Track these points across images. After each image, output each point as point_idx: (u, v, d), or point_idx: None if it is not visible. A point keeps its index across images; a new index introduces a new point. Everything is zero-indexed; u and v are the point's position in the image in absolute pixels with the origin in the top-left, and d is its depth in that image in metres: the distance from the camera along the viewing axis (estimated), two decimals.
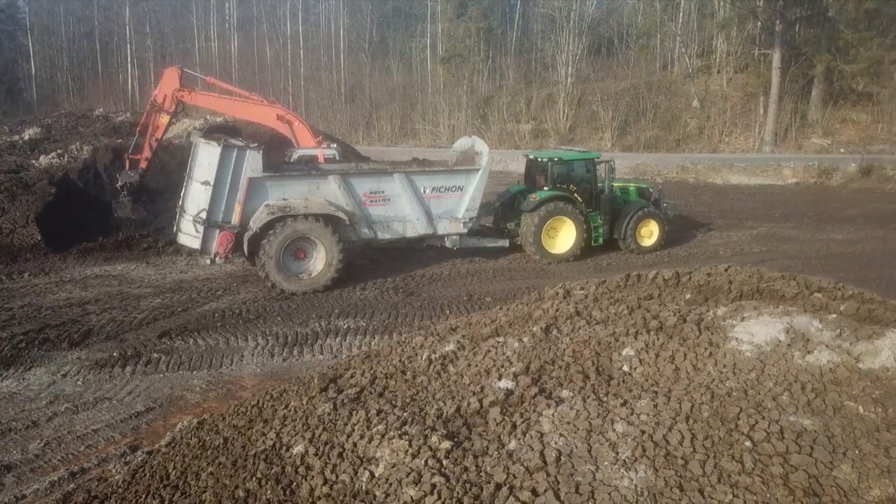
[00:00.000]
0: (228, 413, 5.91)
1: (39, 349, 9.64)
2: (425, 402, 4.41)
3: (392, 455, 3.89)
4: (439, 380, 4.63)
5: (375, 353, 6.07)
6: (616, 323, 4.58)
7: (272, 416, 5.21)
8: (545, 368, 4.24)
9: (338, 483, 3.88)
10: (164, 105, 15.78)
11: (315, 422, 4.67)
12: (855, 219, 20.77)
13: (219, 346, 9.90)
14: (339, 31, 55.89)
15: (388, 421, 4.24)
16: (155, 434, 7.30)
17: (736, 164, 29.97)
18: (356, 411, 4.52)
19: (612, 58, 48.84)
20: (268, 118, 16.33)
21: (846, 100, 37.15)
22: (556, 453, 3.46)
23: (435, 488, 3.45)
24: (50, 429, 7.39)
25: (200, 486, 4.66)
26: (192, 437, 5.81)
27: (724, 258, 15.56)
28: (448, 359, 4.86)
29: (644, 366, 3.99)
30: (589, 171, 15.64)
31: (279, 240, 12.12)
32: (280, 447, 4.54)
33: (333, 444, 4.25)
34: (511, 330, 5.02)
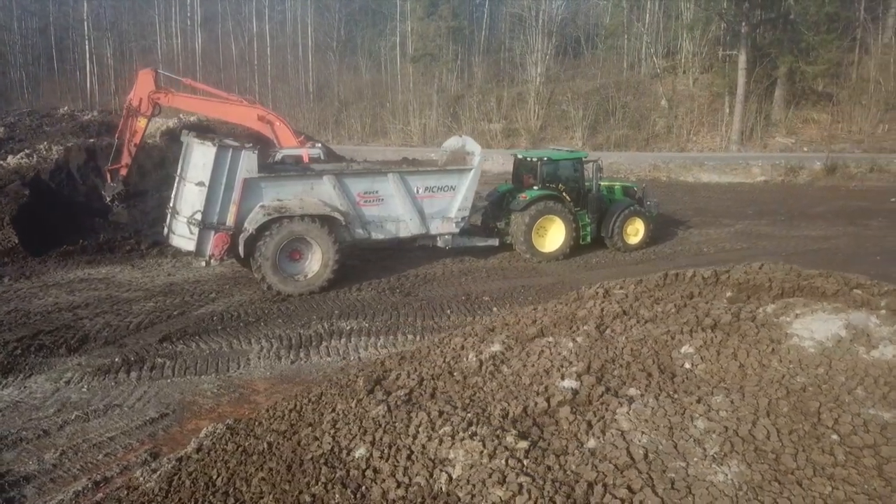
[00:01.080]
0: (264, 417, 5.85)
1: (37, 356, 9.37)
2: (485, 402, 4.44)
3: (467, 456, 3.92)
4: (495, 380, 4.66)
5: (411, 353, 6.07)
6: (665, 321, 4.68)
7: (318, 419, 5.18)
8: (606, 367, 4.32)
9: (412, 486, 3.89)
10: (141, 108, 15.48)
11: (371, 424, 4.66)
12: (825, 215, 21.45)
13: (223, 350, 9.76)
14: (306, 28, 55.30)
15: (452, 422, 4.26)
16: (173, 440, 7.19)
17: (706, 162, 30.65)
18: (415, 413, 4.53)
19: (580, 58, 49.42)
20: (248, 119, 16.13)
21: (807, 100, 38.28)
22: (642, 451, 3.54)
23: (522, 488, 3.49)
24: (63, 437, 7.21)
25: (254, 491, 4.61)
26: (227, 443, 5.74)
27: (708, 255, 15.95)
28: (498, 359, 4.90)
29: (706, 363, 4.10)
30: (577, 170, 15.83)
31: (275, 241, 11.99)
32: (339, 451, 4.52)
33: (399, 447, 4.26)
34: (557, 330, 5.08)
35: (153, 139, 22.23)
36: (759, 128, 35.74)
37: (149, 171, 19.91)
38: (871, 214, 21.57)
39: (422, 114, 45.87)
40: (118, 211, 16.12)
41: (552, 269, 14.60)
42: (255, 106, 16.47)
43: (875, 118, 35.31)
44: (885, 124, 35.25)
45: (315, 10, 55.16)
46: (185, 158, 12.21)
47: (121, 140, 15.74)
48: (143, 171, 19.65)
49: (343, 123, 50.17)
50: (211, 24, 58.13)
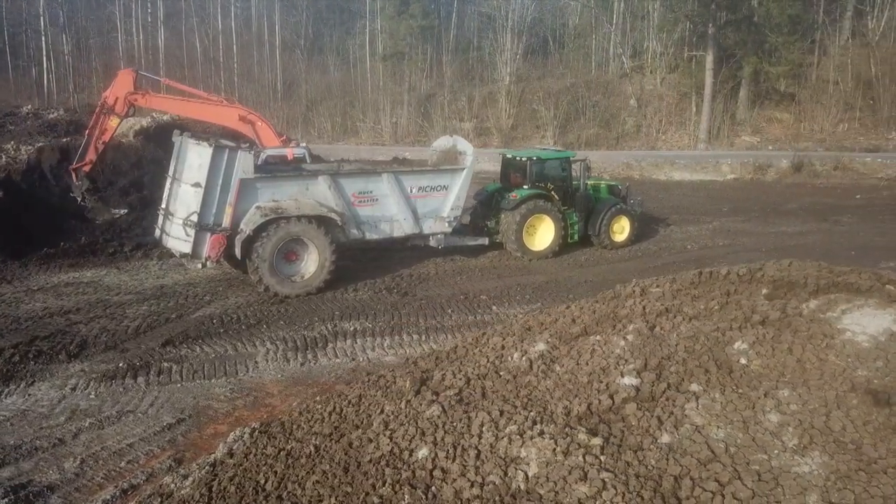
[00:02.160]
0: (303, 420, 5.82)
1: (36, 363, 9.13)
2: (544, 401, 4.51)
3: (539, 454, 3.98)
4: (549, 379, 4.74)
5: (446, 353, 6.10)
6: (710, 318, 4.82)
7: (365, 421, 5.17)
8: (663, 364, 4.43)
9: (486, 484, 3.93)
10: (116, 107, 15.17)
11: (427, 425, 4.69)
12: (797, 212, 22.11)
13: (228, 353, 9.65)
14: (273, 26, 54.62)
15: (517, 421, 4.32)
16: (194, 446, 7.10)
17: (677, 160, 31.28)
18: (474, 413, 4.57)
19: (549, 57, 49.87)
20: (229, 119, 15.92)
21: (770, 100, 39.38)
22: (722, 445, 3.65)
23: (606, 484, 3.57)
24: (80, 445, 7.05)
25: (311, 494, 4.60)
26: (265, 447, 5.70)
27: (693, 252, 16.32)
28: (547, 358, 4.97)
29: (761, 358, 4.24)
30: (564, 169, 16.03)
31: (272, 242, 11.87)
32: (400, 452, 4.53)
33: (465, 447, 4.29)
34: (600, 328, 5.18)
35: (126, 138, 21.77)
36: (725, 127, 36.61)
37: (126, 171, 19.53)
38: (839, 211, 22.31)
39: (392, 112, 45.73)
40: (94, 206, 15.68)
41: (543, 268, 14.76)
42: (236, 106, 16.26)
43: (835, 117, 36.51)
44: (844, 123, 36.48)
45: (282, 8, 54.51)
46: (180, 159, 12.00)
47: (90, 137, 15.41)
48: (120, 171, 19.27)
49: (312, 122, 49.71)
50: (174, 21, 56.93)
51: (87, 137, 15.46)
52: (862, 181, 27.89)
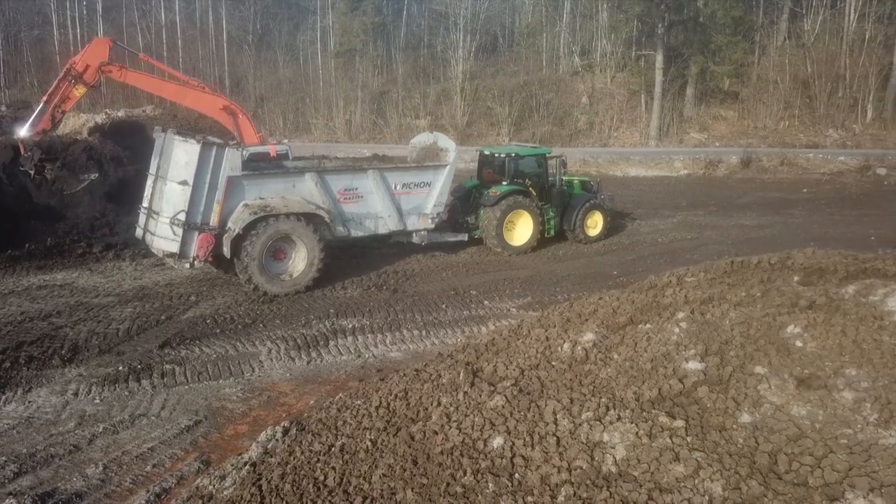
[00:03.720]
0: (348, 416, 5.81)
1: (29, 369, 8.77)
2: (609, 388, 4.65)
3: (623, 438, 4.12)
4: (609, 367, 4.88)
5: (484, 346, 6.18)
6: (755, 305, 5.07)
7: (422, 414, 5.21)
8: (723, 349, 4.63)
9: (574, 469, 4.04)
10: (85, 76, 14.46)
11: (493, 415, 4.76)
12: (751, 206, 23.04)
13: (230, 354, 9.48)
14: (220, 21, 53.30)
15: (589, 408, 4.44)
16: (218, 447, 6.98)
17: (632, 157, 32.12)
18: (542, 402, 4.67)
19: (500, 55, 50.34)
20: (210, 107, 15.54)
21: (715, 98, 40.84)
22: (807, 422, 3.86)
23: (700, 463, 3.73)
24: (98, 451, 6.84)
25: (382, 488, 4.61)
26: (311, 444, 5.68)
27: (664, 244, 16.85)
28: (602, 347, 5.12)
29: (816, 341, 4.49)
30: (541, 165, 16.30)
31: (262, 241, 11.70)
32: (472, 442, 4.59)
33: (542, 434, 4.39)
34: (647, 317, 5.37)
35: (79, 135, 20.98)
36: (674, 124, 37.78)
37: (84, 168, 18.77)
38: (790, 204, 23.38)
39: (346, 109, 45.33)
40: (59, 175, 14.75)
41: (524, 263, 14.98)
42: (219, 95, 15.85)
43: (777, 115, 38.15)
44: (785, 121, 38.16)
45: (228, 2, 53.24)
46: (164, 157, 11.68)
47: (46, 104, 14.59)
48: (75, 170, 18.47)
49: (262, 119, 48.71)
50: (113, 15, 54.88)
51: (44, 105, 14.61)
52: (806, 176, 29.26)
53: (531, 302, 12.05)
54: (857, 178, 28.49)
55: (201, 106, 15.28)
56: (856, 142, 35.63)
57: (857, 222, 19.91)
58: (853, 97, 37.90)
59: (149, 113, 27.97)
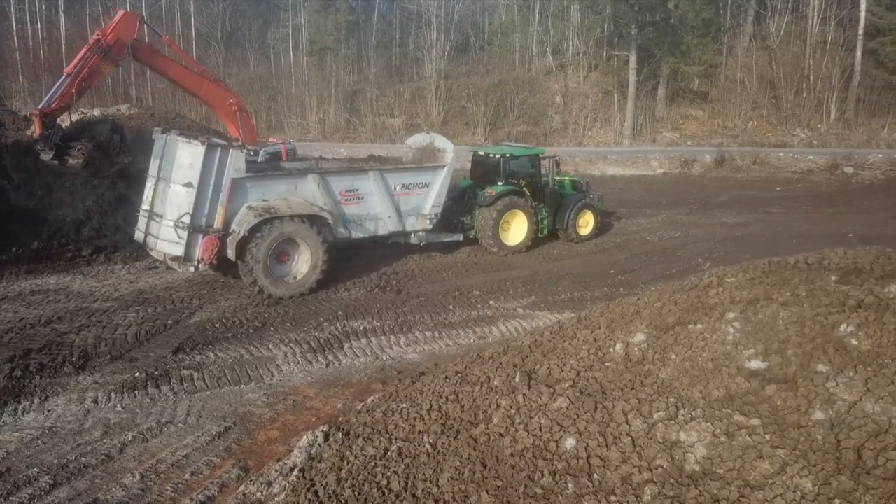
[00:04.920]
0: (399, 421, 5.82)
1: (41, 377, 8.56)
2: (673, 388, 4.77)
3: (701, 436, 4.23)
4: (668, 367, 5.00)
5: (528, 347, 6.24)
6: (801, 304, 5.24)
7: (481, 416, 5.25)
8: (782, 348, 4.78)
9: (655, 469, 4.15)
10: (114, 51, 13.83)
11: (559, 416, 4.84)
12: (730, 204, 23.60)
13: (245, 358, 9.39)
14: (187, 18, 52.34)
15: (659, 408, 4.55)
16: (254, 453, 6.94)
17: (608, 156, 32.57)
18: (609, 403, 4.76)
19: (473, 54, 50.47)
20: (221, 102, 15.32)
21: (685, 98, 41.63)
22: (884, 418, 4.00)
23: (786, 460, 3.86)
24: (131, 460, 6.73)
25: (452, 491, 4.65)
26: (362, 448, 5.68)
27: (653, 243, 17.15)
28: (657, 348, 5.24)
29: (872, 339, 4.68)
30: (534, 165, 16.45)
31: (267, 243, 11.59)
32: (544, 444, 4.66)
33: (616, 435, 4.48)
34: (696, 317, 5.50)
35: None
36: (648, 124, 38.41)
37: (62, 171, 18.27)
38: (766, 202, 24.01)
39: (319, 108, 44.98)
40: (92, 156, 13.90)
41: (521, 262, 15.11)
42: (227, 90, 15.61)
43: (745, 115, 39.08)
44: (754, 121, 39.11)
45: None
46: (167, 158, 11.48)
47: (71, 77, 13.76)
48: (58, 172, 17.96)
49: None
50: (76, 10, 53.46)
51: (66, 77, 13.80)
52: (778, 174, 30.06)
53: (536, 301, 12.18)
54: (826, 176, 29.39)
55: (212, 98, 14.99)
56: (822, 141, 36.72)
57: (833, 220, 20.56)
58: (817, 98, 39.03)
59: (124, 112, 27.33)
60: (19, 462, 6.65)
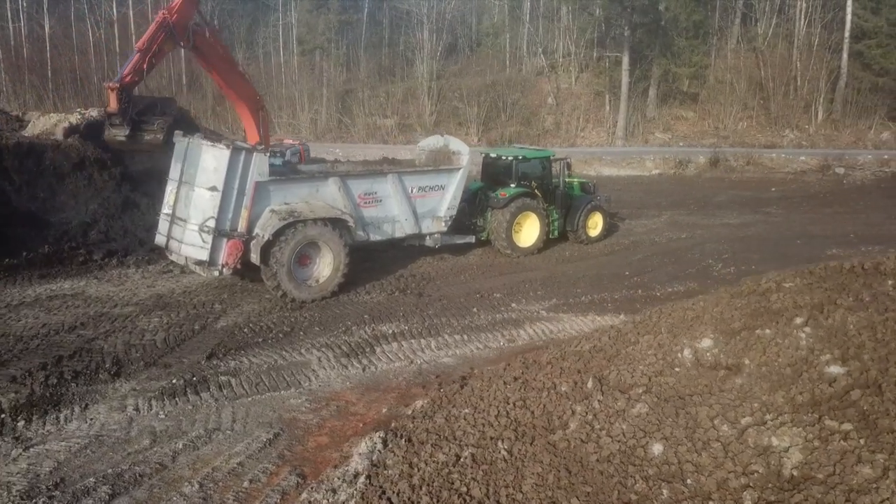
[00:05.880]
0: (465, 425, 5.84)
1: (77, 384, 8.46)
2: (752, 393, 4.84)
3: (793, 441, 4.31)
4: (743, 373, 5.07)
5: (588, 353, 6.29)
6: (867, 309, 5.35)
7: (557, 422, 5.29)
8: (859, 353, 4.89)
9: (752, 473, 4.22)
10: (177, 31, 13.44)
11: (641, 422, 4.89)
12: (728, 205, 23.89)
13: (279, 364, 9.35)
14: None
15: (744, 413, 4.63)
16: (307, 460, 6.92)
17: (603, 157, 32.80)
18: (691, 408, 4.82)
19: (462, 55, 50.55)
20: (251, 100, 15.18)
21: (675, 99, 42.04)
22: None
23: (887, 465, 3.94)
24: (186, 469, 6.69)
25: (538, 498, 4.68)
26: (431, 455, 5.70)
27: (661, 244, 17.32)
28: (729, 353, 5.32)
29: None
30: (545, 167, 16.54)
31: (290, 247, 11.54)
32: (630, 450, 4.72)
33: (704, 441, 4.54)
34: (760, 322, 5.59)
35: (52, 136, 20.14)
36: (641, 125, 38.74)
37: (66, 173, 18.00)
38: (764, 203, 24.34)
39: (310, 108, 44.77)
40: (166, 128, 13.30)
41: (535, 264, 15.19)
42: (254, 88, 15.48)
43: (735, 116, 39.55)
44: (744, 122, 39.60)
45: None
46: (189, 162, 11.38)
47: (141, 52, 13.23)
48: (61, 174, 17.70)
49: (221, 116, 47.67)
50: (61, 8, 52.67)
51: (137, 52, 13.32)
52: (772, 175, 30.48)
53: (557, 304, 12.26)
54: (818, 177, 29.85)
55: (246, 96, 14.84)
56: (810, 142, 37.29)
57: (833, 220, 20.90)
58: (805, 99, 39.63)
59: None
60: (72, 472, 6.58)
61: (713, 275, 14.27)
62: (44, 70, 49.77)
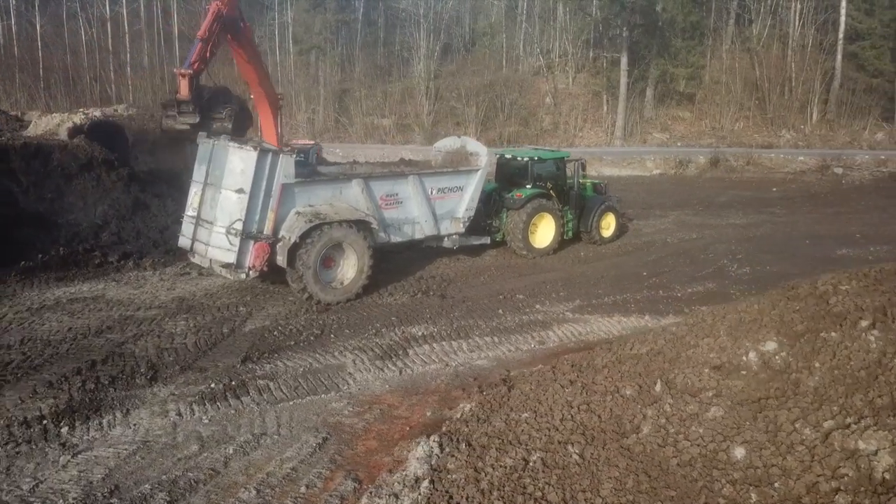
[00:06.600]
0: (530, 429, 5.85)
1: (115, 389, 8.38)
2: (829, 396, 4.89)
3: (881, 444, 4.35)
4: (815, 376, 5.11)
5: (647, 356, 6.32)
6: None
7: (628, 426, 5.31)
8: None
9: (841, 477, 4.26)
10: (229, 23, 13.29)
11: (718, 426, 4.92)
12: (732, 205, 24.06)
13: (315, 367, 9.32)
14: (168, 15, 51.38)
15: (825, 416, 4.67)
16: (358, 464, 6.89)
17: (604, 157, 32.91)
18: (769, 412, 4.86)
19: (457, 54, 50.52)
20: (274, 99, 15.09)
21: (672, 99, 42.27)
22: None
23: None
24: (239, 474, 6.64)
25: (622, 501, 4.71)
26: (496, 460, 5.71)
27: (674, 244, 17.42)
28: (798, 356, 5.36)
29: None
30: (559, 168, 16.58)
31: (317, 249, 11.50)
32: (711, 454, 4.74)
33: (788, 444, 4.58)
34: (824, 326, 5.64)
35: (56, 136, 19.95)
36: (639, 125, 38.92)
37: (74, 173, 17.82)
38: (767, 203, 24.54)
39: (307, 107, 44.60)
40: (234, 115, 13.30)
41: (552, 265, 15.23)
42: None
43: (732, 116, 39.83)
44: (740, 122, 39.88)
45: None
46: (215, 163, 11.31)
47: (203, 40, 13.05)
48: (68, 175, 17.51)
49: None
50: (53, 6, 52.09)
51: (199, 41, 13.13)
52: (771, 175, 30.73)
53: (581, 305, 12.29)
54: (817, 177, 30.13)
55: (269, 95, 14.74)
56: (806, 142, 37.63)
57: (837, 220, 21.12)
58: (800, 100, 39.98)
59: (121, 112, 26.80)
60: (125, 479, 6.52)
61: (730, 275, 14.38)
62: (35, 69, 49.21)
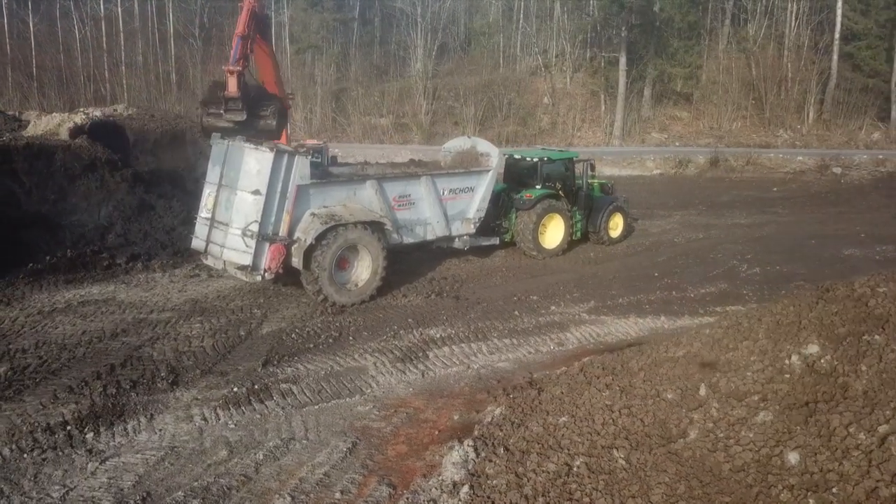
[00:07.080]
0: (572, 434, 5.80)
1: (137, 394, 8.29)
2: (880, 400, 4.87)
3: None
4: (863, 379, 5.10)
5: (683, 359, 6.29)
6: None
7: (674, 431, 5.27)
8: None
9: None
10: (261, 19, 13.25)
11: (767, 430, 4.90)
12: (734, 204, 24.11)
13: (336, 370, 9.24)
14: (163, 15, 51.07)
15: (878, 420, 4.65)
16: (391, 469, 6.83)
17: (604, 157, 32.86)
18: (821, 416, 4.84)
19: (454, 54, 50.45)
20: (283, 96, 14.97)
21: (669, 99, 42.36)
22: None
23: None
24: (271, 480, 6.57)
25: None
26: (540, 464, 5.66)
27: (682, 245, 17.44)
28: (842, 360, 5.34)
29: None
30: (568, 169, 16.55)
31: (332, 250, 11.42)
32: (765, 459, 4.71)
33: (842, 449, 4.56)
34: (867, 328, 5.63)
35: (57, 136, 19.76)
36: (637, 125, 38.98)
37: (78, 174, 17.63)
38: (769, 203, 24.62)
39: (304, 107, 44.41)
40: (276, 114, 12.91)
41: (562, 266, 15.21)
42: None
43: (729, 116, 39.96)
44: (738, 122, 40.02)
45: None
46: (230, 165, 11.21)
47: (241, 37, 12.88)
48: (71, 176, 17.32)
49: None
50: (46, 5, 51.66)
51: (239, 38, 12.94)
52: (771, 175, 30.84)
53: (597, 306, 12.26)
54: (817, 177, 30.26)
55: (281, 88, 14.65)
56: (804, 142, 37.80)
57: (839, 220, 21.20)
58: (796, 100, 40.14)
59: (121, 112, 26.59)
60: (156, 485, 6.43)
61: (741, 276, 14.39)
62: (28, 68, 48.78)
